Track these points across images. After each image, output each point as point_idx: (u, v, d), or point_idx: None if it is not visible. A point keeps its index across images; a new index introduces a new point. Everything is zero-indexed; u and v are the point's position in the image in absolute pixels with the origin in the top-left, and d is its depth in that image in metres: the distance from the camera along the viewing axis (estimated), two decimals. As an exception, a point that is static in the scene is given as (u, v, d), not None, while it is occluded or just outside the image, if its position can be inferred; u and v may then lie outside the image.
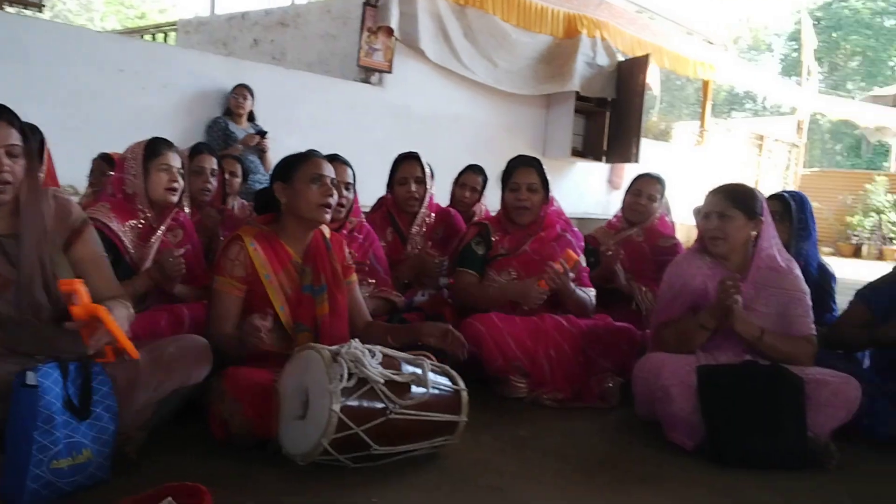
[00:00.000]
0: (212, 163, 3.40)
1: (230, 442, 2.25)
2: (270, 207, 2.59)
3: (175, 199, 2.73)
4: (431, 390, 2.24)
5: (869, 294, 3.01)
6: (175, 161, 2.75)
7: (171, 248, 2.77)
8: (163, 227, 2.73)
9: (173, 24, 9.65)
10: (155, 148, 2.74)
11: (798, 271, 2.79)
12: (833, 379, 2.60)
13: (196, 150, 3.42)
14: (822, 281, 3.28)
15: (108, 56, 5.24)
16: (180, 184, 2.76)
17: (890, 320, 2.86)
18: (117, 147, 3.18)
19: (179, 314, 2.60)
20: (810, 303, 2.77)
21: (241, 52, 7.65)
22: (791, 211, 3.26)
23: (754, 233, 2.75)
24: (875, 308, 2.95)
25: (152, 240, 2.67)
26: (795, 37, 24.01)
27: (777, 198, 3.34)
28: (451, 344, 2.56)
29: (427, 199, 3.70)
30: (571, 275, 3.17)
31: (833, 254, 14.45)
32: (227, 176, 4.01)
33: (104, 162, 3.69)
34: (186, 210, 3.11)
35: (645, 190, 3.94)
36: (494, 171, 4.85)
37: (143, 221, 2.69)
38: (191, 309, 2.64)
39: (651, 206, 3.93)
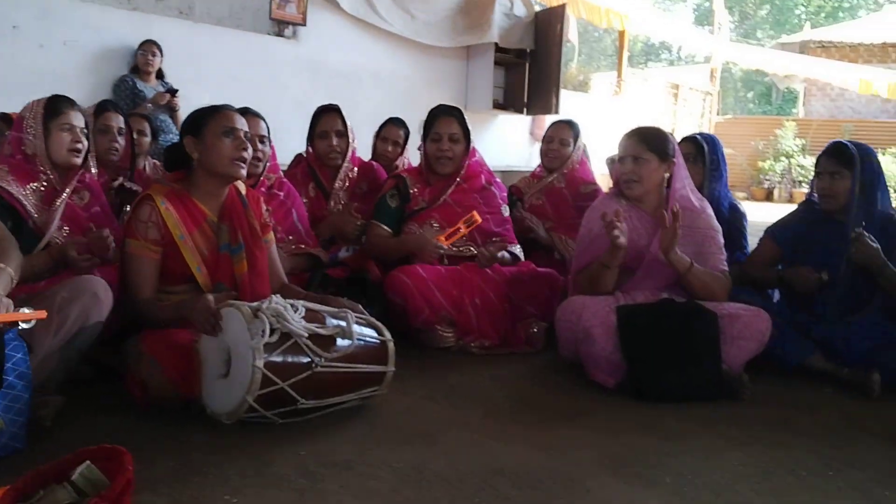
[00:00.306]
0: (118, 121, 3.26)
1: (151, 404, 2.20)
2: (181, 164, 2.50)
3: (79, 160, 2.60)
4: (357, 342, 2.23)
5: (776, 231, 3.13)
6: (78, 120, 2.61)
7: (80, 214, 2.63)
8: (68, 190, 2.60)
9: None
10: (55, 106, 2.59)
11: (710, 211, 2.89)
12: (745, 312, 2.71)
13: (101, 108, 3.27)
14: (733, 220, 3.39)
15: (0, 11, 4.92)
16: (84, 144, 2.62)
17: (797, 253, 2.99)
18: (15, 109, 3.01)
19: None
20: (722, 240, 2.87)
21: (145, 7, 7.29)
22: (704, 153, 3.35)
23: (667, 174, 2.82)
24: (782, 243, 3.08)
25: (57, 203, 2.54)
26: (707, -14, 24.45)
27: (690, 140, 3.42)
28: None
29: (349, 152, 3.63)
30: (503, 254, 3.29)
31: (746, 198, 14.97)
32: (134, 135, 3.85)
33: (1, 122, 3.49)
34: (93, 171, 2.97)
35: (556, 135, 4.00)
36: (416, 125, 4.81)
37: (45, 184, 2.55)
38: (102, 272, 2.53)
39: (564, 151, 3.98)
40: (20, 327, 1.84)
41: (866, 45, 17.63)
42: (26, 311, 1.79)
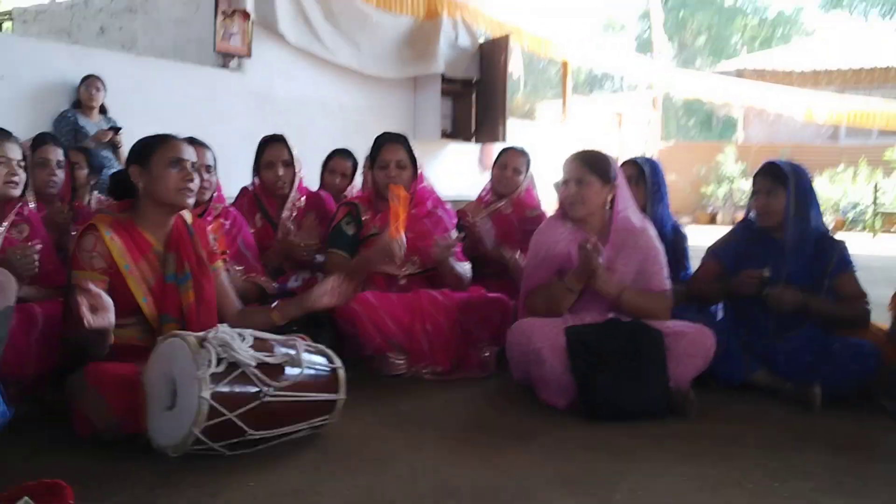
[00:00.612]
0: (57, 154, 3.21)
1: (97, 439, 2.14)
2: (126, 192, 2.47)
3: (15, 192, 2.55)
4: (306, 370, 2.21)
5: (718, 249, 3.22)
6: (13, 152, 2.56)
7: (20, 244, 2.58)
8: (6, 224, 2.54)
9: (7, 13, 8.97)
10: (-12, 140, 2.54)
11: (652, 231, 2.95)
12: (689, 330, 2.77)
13: (39, 141, 3.22)
14: (676, 241, 3.47)
15: (-67, 47, 4.82)
16: (21, 176, 2.57)
17: (738, 270, 3.08)
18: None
19: (31, 313, 2.41)
20: (665, 260, 2.94)
21: (87, 42, 7.22)
22: (645, 175, 3.43)
23: (610, 196, 2.88)
24: (724, 261, 3.16)
25: (-6, 237, 2.49)
26: (646, 16, 25.20)
27: (631, 163, 3.51)
28: (343, 295, 2.61)
29: (296, 182, 3.63)
30: (454, 249, 3.27)
31: (691, 222, 15.31)
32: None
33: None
34: (32, 205, 2.91)
35: (511, 162, 4.07)
36: (364, 155, 4.82)
37: (-19, 218, 2.50)
38: (44, 307, 2.47)
39: (517, 179, 4.05)
40: None
41: (798, 71, 18.32)
42: None
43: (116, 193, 2.50)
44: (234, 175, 3.95)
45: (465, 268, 3.45)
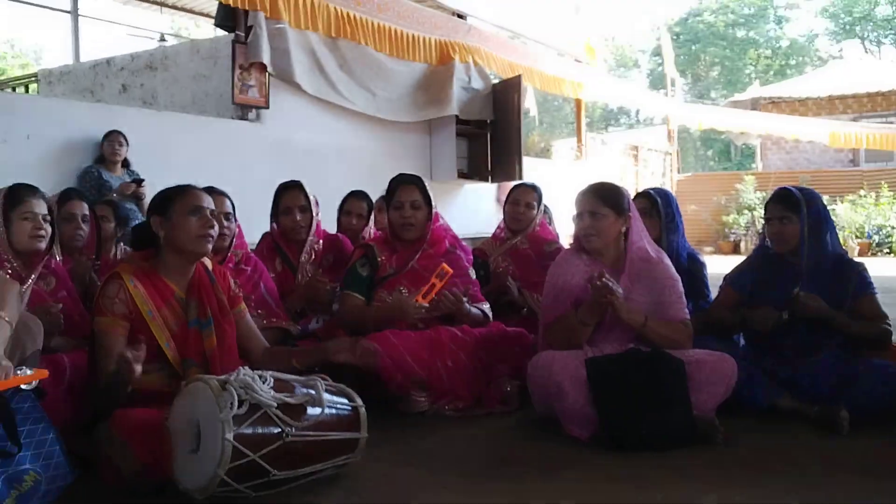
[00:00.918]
0: (82, 208, 3.30)
1: (124, 488, 2.16)
2: (148, 243, 2.54)
3: (42, 246, 2.63)
4: (327, 410, 2.23)
5: (734, 277, 3.22)
6: (40, 208, 2.65)
7: (47, 300, 2.66)
8: (33, 277, 2.61)
9: (33, 75, 9.24)
10: (16, 195, 2.63)
11: (668, 261, 2.96)
12: (710, 358, 2.76)
13: (65, 197, 3.32)
14: (693, 269, 3.47)
15: (-38, 110, 4.98)
16: (47, 230, 2.65)
17: (755, 296, 3.07)
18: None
19: (59, 363, 2.48)
20: (682, 289, 2.94)
21: (109, 100, 7.41)
22: (658, 206, 3.45)
23: (624, 228, 2.90)
24: (741, 289, 3.16)
25: (23, 289, 2.55)
26: (658, 52, 25.41)
27: (644, 195, 3.53)
28: (362, 356, 2.58)
29: (314, 226, 3.69)
30: (465, 298, 3.27)
31: (714, 252, 15.23)
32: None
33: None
34: (58, 258, 2.99)
35: (522, 198, 4.12)
36: (379, 196, 4.86)
37: (10, 272, 2.57)
38: (71, 357, 2.53)
39: (529, 213, 4.10)
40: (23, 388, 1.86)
41: (813, 98, 18.33)
42: (27, 371, 1.80)
43: (138, 244, 2.57)
44: (254, 222, 4.02)
45: (483, 308, 3.45)
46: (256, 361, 2.58)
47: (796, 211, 3.00)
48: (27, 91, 9.21)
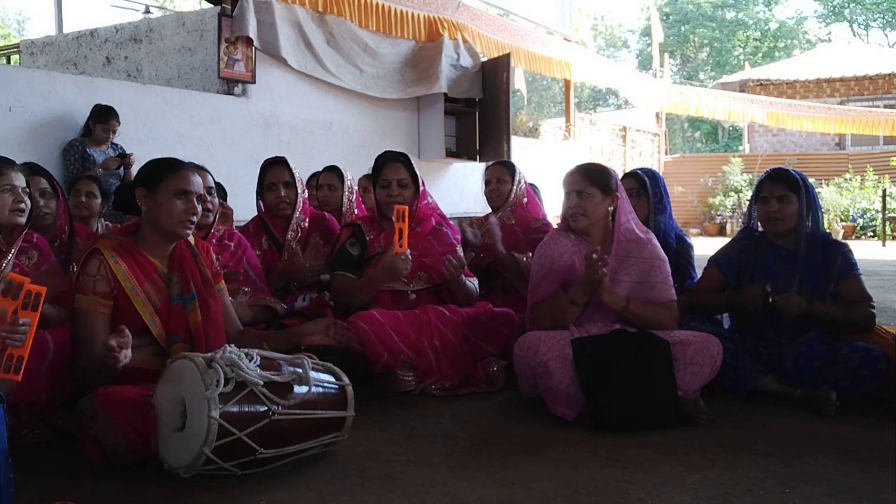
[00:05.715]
0: (39, 183, 3.05)
1: (107, 463, 2.15)
2: (128, 209, 2.50)
3: (22, 219, 2.58)
4: (314, 388, 2.22)
5: (720, 258, 3.22)
6: (19, 180, 2.60)
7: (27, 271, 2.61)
8: (14, 250, 2.57)
9: (15, 45, 9.07)
10: (-6, 168, 2.58)
11: (655, 241, 2.96)
12: (695, 339, 2.77)
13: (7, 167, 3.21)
14: (680, 250, 3.48)
15: (-60, 81, 4.89)
16: (27, 203, 2.61)
17: (740, 280, 3.08)
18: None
19: (42, 340, 2.44)
20: (669, 270, 2.94)
21: (93, 72, 7.29)
22: (646, 187, 3.44)
23: (611, 208, 2.90)
24: (726, 270, 3.16)
25: (3, 263, 2.52)
26: (648, 32, 25.33)
27: (632, 176, 3.52)
28: (335, 336, 2.55)
29: (299, 203, 3.65)
30: (464, 267, 3.29)
31: (700, 234, 15.31)
32: (83, 198, 3.87)
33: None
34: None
35: (493, 176, 4.19)
36: (362, 175, 4.84)
37: (-10, 246, 2.53)
38: (54, 334, 2.49)
39: (503, 188, 4.14)
40: None
41: (802, 81, 18.37)
42: None
43: (120, 206, 2.53)
44: (240, 198, 3.99)
45: (473, 283, 3.47)
46: (230, 342, 2.55)
47: (796, 191, 3.00)
48: (9, 62, 9.05)
